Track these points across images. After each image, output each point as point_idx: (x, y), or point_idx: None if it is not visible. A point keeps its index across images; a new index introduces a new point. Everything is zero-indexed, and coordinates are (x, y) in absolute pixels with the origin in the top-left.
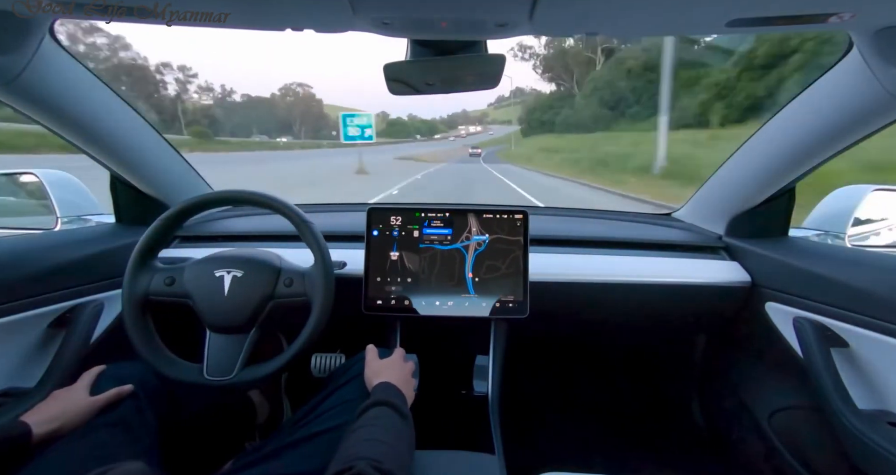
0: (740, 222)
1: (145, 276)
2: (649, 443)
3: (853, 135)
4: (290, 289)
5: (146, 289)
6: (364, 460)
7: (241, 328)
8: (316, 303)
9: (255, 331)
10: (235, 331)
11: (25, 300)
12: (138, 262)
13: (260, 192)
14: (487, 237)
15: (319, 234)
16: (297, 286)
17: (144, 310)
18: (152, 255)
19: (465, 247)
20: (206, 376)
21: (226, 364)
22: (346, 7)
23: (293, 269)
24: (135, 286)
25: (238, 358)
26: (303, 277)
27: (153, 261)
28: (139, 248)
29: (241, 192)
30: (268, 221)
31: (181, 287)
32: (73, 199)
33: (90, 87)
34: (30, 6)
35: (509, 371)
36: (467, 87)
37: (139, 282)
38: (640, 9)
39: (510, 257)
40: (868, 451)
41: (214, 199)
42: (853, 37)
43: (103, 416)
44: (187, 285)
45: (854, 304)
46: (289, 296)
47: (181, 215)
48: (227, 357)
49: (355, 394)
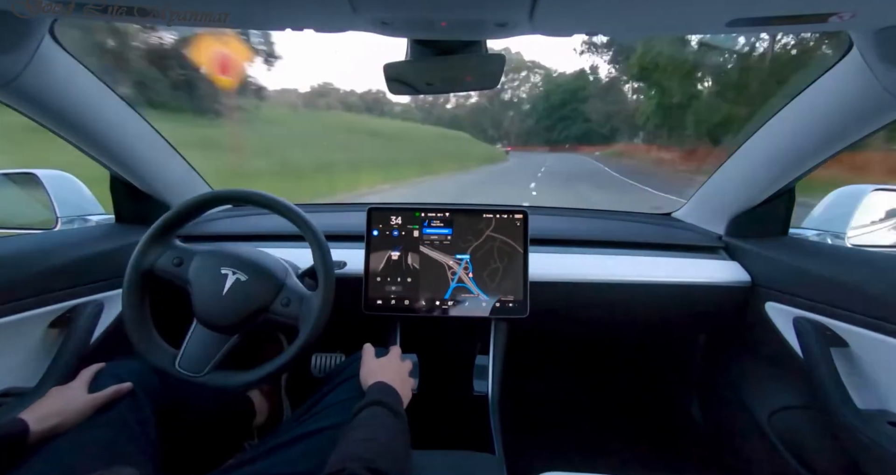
0: (740, 222)
1: (157, 250)
2: (649, 442)
3: (853, 134)
4: (284, 309)
5: (153, 263)
6: (357, 461)
7: (227, 329)
8: (304, 330)
9: (237, 336)
10: (220, 330)
11: (25, 300)
12: (157, 235)
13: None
14: (487, 237)
15: (321, 234)
16: (292, 308)
17: (145, 283)
18: (171, 233)
19: (465, 247)
20: (176, 366)
21: (200, 360)
22: (346, 7)
23: (295, 290)
24: (144, 256)
25: (213, 357)
26: (301, 302)
27: (172, 239)
28: (161, 222)
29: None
30: (268, 221)
31: (185, 271)
32: (73, 199)
33: (90, 87)
34: (30, 6)
35: (509, 371)
36: (467, 87)
37: (150, 253)
38: (640, 9)
39: (510, 257)
40: (868, 451)
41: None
42: (853, 37)
43: (101, 414)
44: (192, 272)
45: (854, 304)
46: (280, 315)
47: (212, 202)
48: (204, 353)
49: (351, 394)
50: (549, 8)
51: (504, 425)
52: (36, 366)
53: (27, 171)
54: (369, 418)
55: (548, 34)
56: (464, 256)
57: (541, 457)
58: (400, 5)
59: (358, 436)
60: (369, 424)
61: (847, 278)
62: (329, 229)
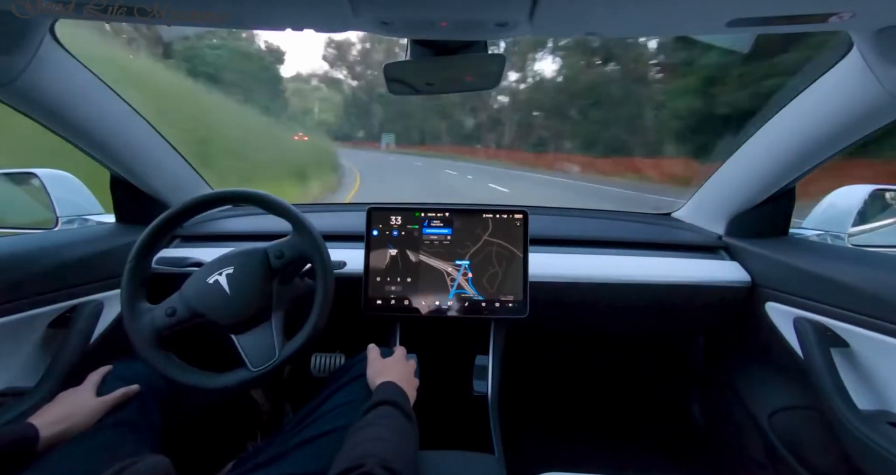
0: (740, 222)
1: (145, 317)
2: (649, 443)
3: (853, 134)
4: (283, 259)
5: (152, 327)
6: (374, 458)
7: (259, 317)
8: (316, 262)
9: (276, 313)
10: (255, 323)
11: (25, 300)
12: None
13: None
14: (487, 237)
15: (318, 233)
16: (288, 252)
17: (160, 346)
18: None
19: (465, 247)
20: (252, 369)
21: (265, 353)
22: (346, 7)
23: (278, 246)
24: (139, 327)
25: (273, 344)
26: (290, 242)
27: (142, 305)
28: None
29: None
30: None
31: (184, 310)
32: (73, 199)
33: (91, 88)
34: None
35: (509, 371)
36: (467, 87)
37: (142, 322)
38: (639, 9)
39: (510, 257)
40: (868, 451)
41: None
42: (853, 37)
43: (110, 417)
44: (191, 305)
45: (854, 304)
46: (287, 264)
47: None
48: (263, 348)
49: (358, 395)
50: (549, 8)
51: (504, 425)
52: (36, 366)
53: (27, 170)
54: (381, 417)
55: (548, 34)
56: (464, 259)
57: (541, 457)
58: (400, 5)
59: (372, 433)
60: (382, 424)
61: (847, 278)
62: (329, 229)
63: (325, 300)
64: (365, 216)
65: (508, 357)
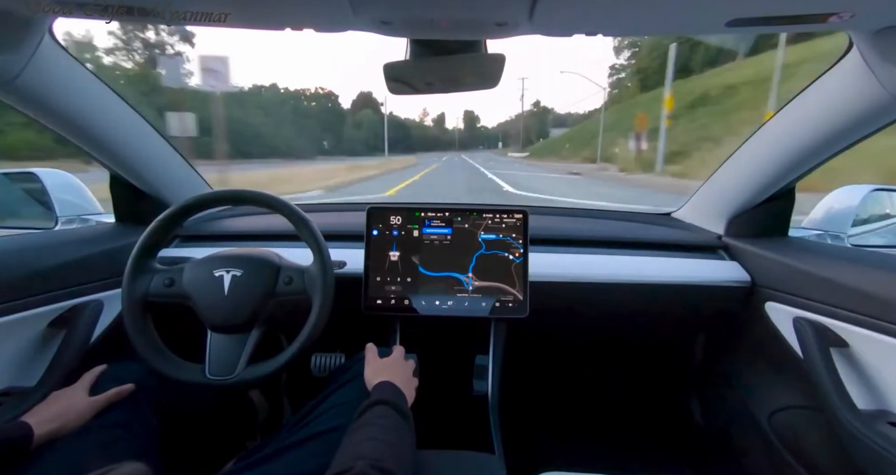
0: (740, 222)
1: (145, 278)
2: (649, 442)
3: (853, 134)
4: (290, 287)
5: (146, 291)
6: (364, 459)
7: (242, 327)
8: (316, 300)
9: (256, 330)
10: (236, 330)
11: (25, 300)
12: (137, 264)
13: (259, 191)
14: (487, 237)
15: (319, 233)
16: (297, 283)
17: (145, 312)
18: (151, 256)
19: (465, 247)
20: (208, 376)
21: (228, 363)
22: (346, 7)
23: (293, 267)
24: (134, 288)
25: (240, 357)
26: (302, 274)
27: (152, 263)
28: (138, 249)
29: (241, 191)
30: (267, 221)
31: (180, 288)
32: (73, 199)
33: (90, 87)
34: (29, 6)
35: (509, 371)
36: (467, 87)
37: (138, 283)
38: (639, 9)
39: (510, 257)
40: (868, 451)
41: (213, 199)
42: (853, 37)
43: (103, 417)
44: (187, 286)
45: (854, 304)
46: (289, 294)
47: (180, 215)
48: (229, 356)
49: (356, 395)
50: (549, 8)
51: (504, 425)
52: (36, 366)
53: (27, 170)
54: (377, 417)
55: (547, 34)
56: (464, 259)
57: (541, 457)
58: (400, 5)
59: (365, 434)
60: (376, 423)
61: (847, 278)
62: (329, 229)
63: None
64: (365, 216)
65: (508, 357)
